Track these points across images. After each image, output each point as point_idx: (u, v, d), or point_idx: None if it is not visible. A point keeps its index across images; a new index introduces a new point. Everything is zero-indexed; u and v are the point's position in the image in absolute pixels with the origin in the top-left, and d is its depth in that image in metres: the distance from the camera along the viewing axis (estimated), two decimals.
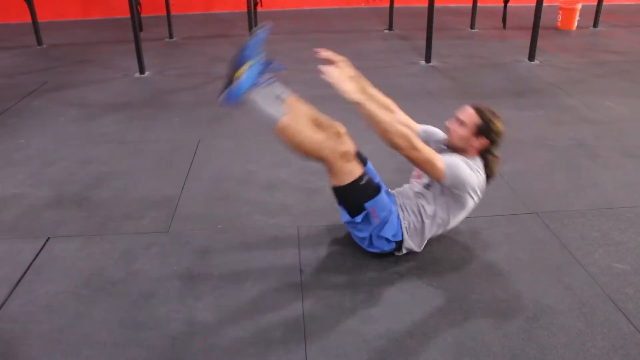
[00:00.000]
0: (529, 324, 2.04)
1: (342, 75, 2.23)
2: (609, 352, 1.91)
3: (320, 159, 2.25)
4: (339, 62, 2.33)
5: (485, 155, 2.36)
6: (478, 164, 2.33)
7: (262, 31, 2.27)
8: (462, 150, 2.33)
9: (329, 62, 2.33)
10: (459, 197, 2.30)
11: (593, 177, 3.17)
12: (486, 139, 2.31)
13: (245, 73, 2.22)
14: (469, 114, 2.30)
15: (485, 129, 2.29)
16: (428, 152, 2.20)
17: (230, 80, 2.23)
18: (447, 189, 2.28)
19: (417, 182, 2.48)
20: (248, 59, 2.23)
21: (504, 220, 2.73)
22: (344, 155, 2.23)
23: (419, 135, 2.49)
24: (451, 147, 2.37)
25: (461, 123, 2.31)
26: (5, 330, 2.06)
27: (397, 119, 2.47)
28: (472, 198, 2.32)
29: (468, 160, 2.30)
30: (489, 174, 2.38)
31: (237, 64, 2.23)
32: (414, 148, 2.16)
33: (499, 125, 2.31)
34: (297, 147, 2.26)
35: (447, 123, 2.37)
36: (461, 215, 2.40)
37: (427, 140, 2.47)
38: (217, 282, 2.30)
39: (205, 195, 3.04)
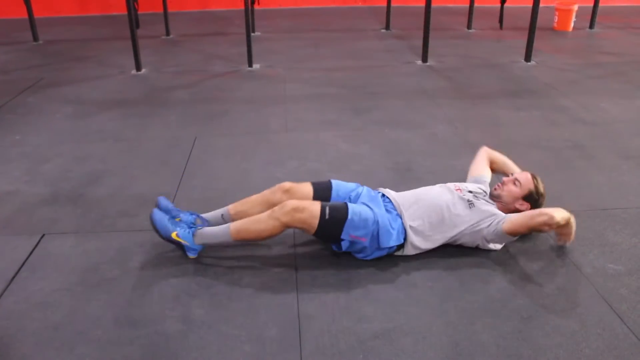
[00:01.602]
0: (524, 324, 2.05)
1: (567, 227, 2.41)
2: (602, 352, 1.91)
3: (284, 228, 2.34)
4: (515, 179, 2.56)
5: None
6: None
7: (152, 212, 2.42)
8: (505, 205, 2.51)
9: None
10: (486, 243, 2.44)
11: (588, 178, 3.18)
12: (529, 204, 2.50)
13: (179, 234, 2.38)
14: (526, 178, 2.53)
15: (533, 197, 2.51)
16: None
17: (178, 244, 2.40)
18: (491, 231, 2.40)
19: (458, 193, 2.50)
20: (169, 228, 2.38)
21: None
22: (295, 210, 2.29)
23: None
24: (495, 197, 2.53)
25: (516, 182, 2.51)
26: (0, 327, 2.06)
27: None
28: (495, 248, 2.47)
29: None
30: None
31: (165, 236, 2.39)
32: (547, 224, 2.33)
33: (544, 198, 2.54)
34: (260, 237, 2.38)
35: (504, 178, 2.60)
36: (480, 245, 2.48)
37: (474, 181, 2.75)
38: (212, 280, 2.30)
39: (201, 193, 3.04)
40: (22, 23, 7.04)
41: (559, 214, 2.31)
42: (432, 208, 2.42)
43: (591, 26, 7.27)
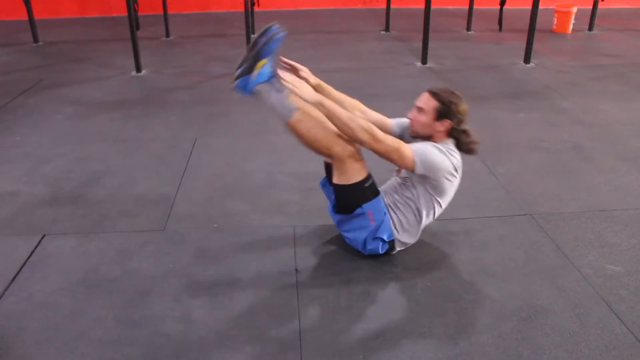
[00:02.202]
0: (523, 324, 2.05)
1: (300, 80, 2.24)
2: (601, 352, 1.92)
3: (330, 155, 2.27)
4: (302, 70, 2.38)
5: (454, 134, 2.32)
6: (449, 146, 2.31)
7: (282, 32, 2.26)
8: (429, 137, 2.32)
9: (292, 69, 2.38)
10: (437, 183, 2.28)
11: (587, 180, 3.19)
12: (449, 120, 2.27)
13: (265, 66, 2.22)
14: (426, 100, 2.29)
15: (446, 111, 2.26)
16: (392, 141, 2.20)
17: (250, 68, 2.23)
18: (423, 177, 2.27)
19: (398, 177, 2.48)
20: (269, 54, 2.23)
21: (498, 222, 2.74)
22: (354, 155, 2.24)
23: (392, 129, 2.48)
24: (417, 137, 2.35)
25: (420, 110, 2.30)
26: (0, 327, 2.06)
27: (368, 117, 2.47)
28: (450, 180, 2.30)
29: (438, 145, 2.28)
30: (468, 149, 2.35)
31: (261, 55, 2.22)
32: (377, 140, 2.17)
33: (460, 103, 2.28)
34: (309, 142, 2.27)
35: (408, 114, 2.36)
36: (445, 199, 2.38)
37: (403, 132, 2.47)
38: (213, 281, 2.31)
39: (202, 194, 3.04)
40: (22, 24, 7.04)
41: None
42: (395, 197, 2.40)
43: (590, 28, 7.28)
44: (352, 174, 2.26)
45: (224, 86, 5.02)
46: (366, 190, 2.29)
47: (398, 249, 2.43)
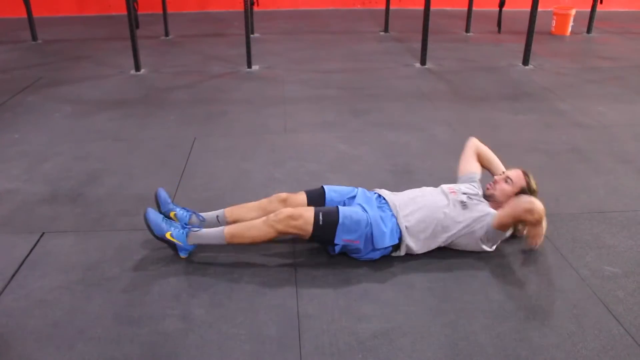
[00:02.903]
0: (521, 324, 2.06)
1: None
2: (599, 353, 1.93)
3: (276, 237, 2.37)
4: (507, 177, 2.58)
5: None
6: None
7: (147, 211, 2.42)
8: (499, 203, 2.50)
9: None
10: (480, 244, 2.45)
11: (585, 181, 3.20)
12: None
13: (173, 234, 2.38)
14: (518, 176, 2.54)
15: (526, 194, 2.49)
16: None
17: (172, 245, 2.41)
18: (485, 231, 2.41)
19: (455, 196, 2.52)
20: (161, 227, 2.39)
21: None
22: (290, 218, 2.32)
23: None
24: (488, 197, 2.55)
25: (508, 180, 2.53)
26: (0, 324, 2.07)
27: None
28: (489, 249, 2.48)
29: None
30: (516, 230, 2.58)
31: (160, 235, 2.39)
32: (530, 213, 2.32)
33: (536, 195, 2.50)
34: (254, 242, 2.40)
35: (496, 177, 2.61)
36: (461, 246, 2.49)
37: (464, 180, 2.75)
38: (212, 280, 2.31)
39: (200, 193, 3.04)
40: (21, 22, 7.03)
41: (538, 202, 2.32)
42: (427, 210, 2.44)
43: (589, 31, 7.30)
44: (305, 228, 2.34)
45: (223, 86, 5.03)
46: (325, 226, 2.34)
47: (402, 253, 2.44)
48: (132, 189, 3.08)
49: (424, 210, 2.44)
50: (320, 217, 2.34)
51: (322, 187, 2.63)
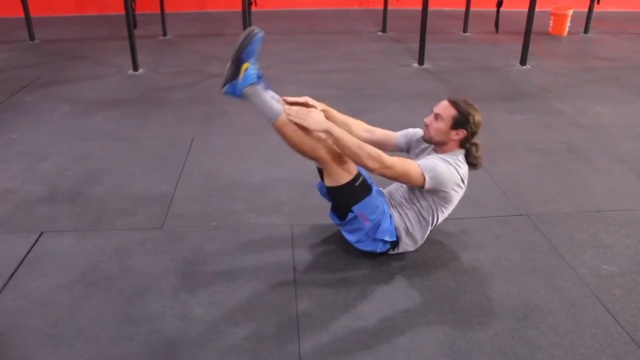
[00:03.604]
0: (519, 323, 2.07)
1: (307, 110, 2.24)
2: (597, 351, 1.94)
3: (315, 158, 2.28)
4: (305, 101, 2.36)
5: (465, 145, 2.35)
6: (458, 158, 2.33)
7: (260, 32, 2.28)
8: (441, 144, 2.34)
9: (299, 104, 2.35)
10: (445, 194, 2.31)
11: (582, 181, 3.21)
12: (464, 130, 2.29)
13: (249, 69, 2.24)
14: (444, 107, 2.29)
15: (462, 121, 2.27)
16: (401, 165, 2.22)
17: (236, 72, 2.25)
18: (431, 189, 2.30)
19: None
20: (251, 56, 2.25)
21: (494, 222, 2.77)
22: (339, 157, 2.26)
23: (397, 141, 2.53)
24: (430, 142, 2.38)
25: (437, 117, 2.30)
26: None
27: (374, 135, 2.51)
28: (456, 191, 2.33)
29: (445, 157, 2.30)
30: (474, 163, 2.37)
31: (243, 58, 2.24)
32: (386, 167, 2.19)
33: (476, 115, 2.29)
34: (294, 144, 2.27)
35: (425, 119, 2.36)
36: (449, 208, 2.41)
37: (409, 142, 2.52)
38: (211, 279, 2.31)
39: (199, 192, 3.05)
40: (18, 22, 7.03)
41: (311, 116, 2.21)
42: (402, 202, 2.42)
43: (586, 31, 7.33)
44: (340, 176, 2.28)
45: None
46: (357, 189, 2.31)
47: (399, 251, 2.44)
48: (131, 188, 3.08)
49: (402, 203, 2.42)
50: (360, 179, 2.30)
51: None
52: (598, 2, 7.04)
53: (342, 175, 2.28)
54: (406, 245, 2.43)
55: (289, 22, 8.05)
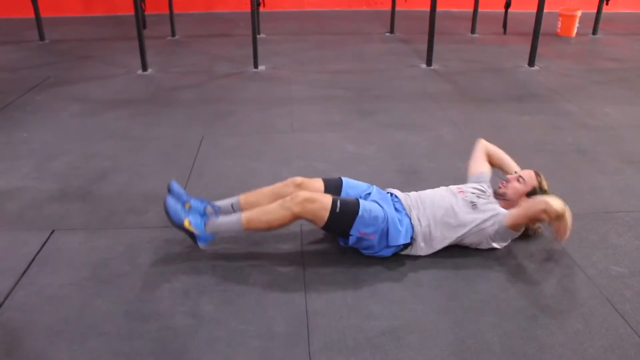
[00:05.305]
0: (528, 323, 2.08)
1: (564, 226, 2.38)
2: (606, 351, 1.94)
3: (292, 221, 2.37)
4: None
5: None
6: None
7: (166, 197, 2.41)
8: (510, 202, 2.53)
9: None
10: (491, 241, 2.47)
11: (591, 182, 3.21)
12: None
13: (191, 222, 2.37)
14: (530, 176, 2.58)
15: (537, 194, 2.52)
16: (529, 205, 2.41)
17: (188, 232, 2.38)
18: (495, 229, 2.43)
19: (461, 196, 2.53)
20: (181, 210, 2.39)
21: None
22: (307, 201, 2.32)
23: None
24: (501, 197, 2.56)
25: (520, 179, 2.56)
26: (11, 320, 2.08)
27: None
28: (498, 246, 2.50)
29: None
30: (531, 230, 2.62)
31: (179, 222, 2.37)
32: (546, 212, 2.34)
33: (546, 192, 2.55)
34: (270, 227, 2.39)
35: (508, 176, 2.63)
36: (471, 244, 2.50)
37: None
38: (221, 277, 2.33)
39: (209, 191, 3.06)
40: (28, 22, 7.08)
41: (555, 201, 2.33)
42: (437, 210, 2.45)
43: (594, 32, 7.30)
44: (319, 214, 2.32)
45: (230, 86, 5.06)
46: (342, 215, 2.34)
47: (410, 252, 2.46)
48: (141, 187, 3.10)
49: (435, 211, 2.45)
50: (338, 205, 2.33)
51: (340, 178, 2.63)
52: (607, 3, 7.01)
53: (321, 212, 2.32)
54: (419, 249, 2.44)
55: (297, 23, 8.07)
